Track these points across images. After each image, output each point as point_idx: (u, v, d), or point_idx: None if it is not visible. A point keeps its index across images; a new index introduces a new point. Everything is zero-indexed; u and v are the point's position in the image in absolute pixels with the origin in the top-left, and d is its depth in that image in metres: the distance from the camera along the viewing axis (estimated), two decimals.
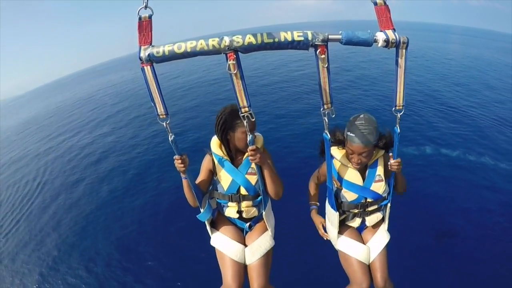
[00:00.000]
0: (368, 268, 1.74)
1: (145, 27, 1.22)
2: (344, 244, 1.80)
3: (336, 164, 1.74)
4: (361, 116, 1.60)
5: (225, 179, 1.69)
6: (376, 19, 1.25)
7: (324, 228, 1.91)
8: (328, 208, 1.81)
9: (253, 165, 1.63)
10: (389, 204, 1.78)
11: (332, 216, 1.79)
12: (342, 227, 1.84)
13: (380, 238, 1.79)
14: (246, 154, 1.64)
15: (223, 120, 1.61)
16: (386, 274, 1.71)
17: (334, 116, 1.34)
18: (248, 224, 1.81)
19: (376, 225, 1.86)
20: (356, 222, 1.83)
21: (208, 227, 1.80)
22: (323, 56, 1.23)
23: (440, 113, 7.91)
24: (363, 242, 1.82)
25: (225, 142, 1.67)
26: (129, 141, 8.38)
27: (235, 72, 1.24)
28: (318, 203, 1.96)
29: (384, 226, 1.85)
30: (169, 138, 1.37)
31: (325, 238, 1.92)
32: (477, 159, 5.65)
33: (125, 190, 5.91)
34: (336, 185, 1.75)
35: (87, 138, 9.72)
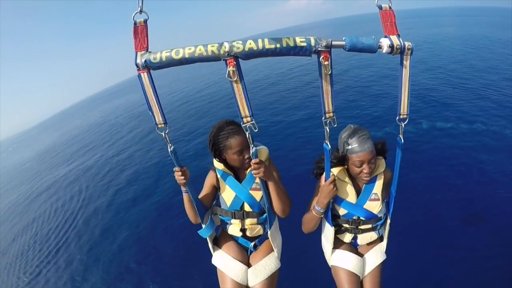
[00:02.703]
0: (358, 280, 1.66)
1: (140, 32, 1.16)
2: (337, 258, 1.72)
3: None
4: (351, 127, 1.57)
5: (228, 195, 1.61)
6: (381, 23, 1.21)
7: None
8: (324, 222, 1.74)
9: (257, 180, 1.55)
10: (388, 224, 1.69)
11: (327, 231, 1.72)
12: (337, 242, 1.77)
13: (375, 256, 1.71)
14: (249, 168, 1.56)
15: (213, 143, 1.54)
16: None
17: (336, 125, 1.28)
18: (253, 243, 1.71)
19: (373, 243, 1.77)
20: (347, 237, 1.75)
21: (210, 245, 1.71)
22: (326, 62, 1.18)
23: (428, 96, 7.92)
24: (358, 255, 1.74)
25: (223, 161, 1.61)
26: (147, 153, 8.74)
27: (235, 79, 1.19)
28: None
29: (381, 246, 1.75)
30: (168, 148, 1.31)
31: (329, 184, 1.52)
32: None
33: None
34: None
35: (108, 155, 10.25)
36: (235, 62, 1.17)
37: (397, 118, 1.31)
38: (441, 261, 3.28)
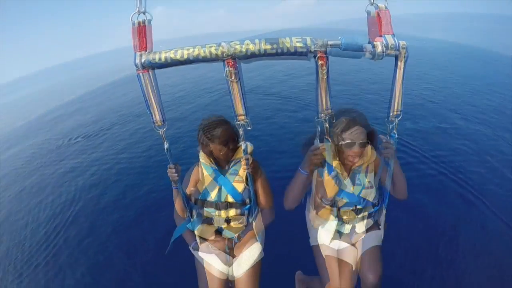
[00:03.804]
0: (351, 269, 1.67)
1: (139, 32, 1.18)
2: (332, 248, 1.72)
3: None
4: (343, 120, 1.55)
5: (212, 187, 1.69)
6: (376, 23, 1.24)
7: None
8: (328, 217, 1.74)
9: (240, 173, 1.66)
10: (384, 211, 1.73)
11: (329, 225, 1.73)
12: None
13: (371, 237, 1.73)
14: (233, 161, 1.69)
15: (201, 134, 1.64)
16: (379, 271, 1.59)
17: (334, 121, 1.34)
18: (236, 234, 1.77)
19: (369, 229, 1.79)
20: (346, 229, 1.77)
21: (196, 238, 1.76)
22: (321, 62, 1.21)
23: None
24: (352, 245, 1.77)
25: (209, 153, 1.69)
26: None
27: (232, 79, 1.21)
28: None
29: (378, 232, 1.76)
30: (164, 146, 1.35)
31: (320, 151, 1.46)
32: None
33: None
34: None
35: (100, 154, 10.01)
36: (233, 62, 1.19)
37: (391, 114, 1.34)
38: (433, 256, 3.35)
